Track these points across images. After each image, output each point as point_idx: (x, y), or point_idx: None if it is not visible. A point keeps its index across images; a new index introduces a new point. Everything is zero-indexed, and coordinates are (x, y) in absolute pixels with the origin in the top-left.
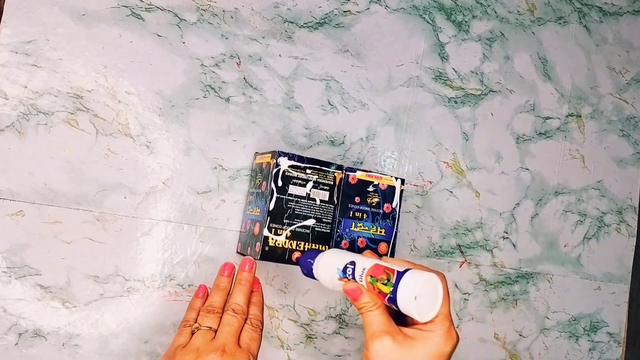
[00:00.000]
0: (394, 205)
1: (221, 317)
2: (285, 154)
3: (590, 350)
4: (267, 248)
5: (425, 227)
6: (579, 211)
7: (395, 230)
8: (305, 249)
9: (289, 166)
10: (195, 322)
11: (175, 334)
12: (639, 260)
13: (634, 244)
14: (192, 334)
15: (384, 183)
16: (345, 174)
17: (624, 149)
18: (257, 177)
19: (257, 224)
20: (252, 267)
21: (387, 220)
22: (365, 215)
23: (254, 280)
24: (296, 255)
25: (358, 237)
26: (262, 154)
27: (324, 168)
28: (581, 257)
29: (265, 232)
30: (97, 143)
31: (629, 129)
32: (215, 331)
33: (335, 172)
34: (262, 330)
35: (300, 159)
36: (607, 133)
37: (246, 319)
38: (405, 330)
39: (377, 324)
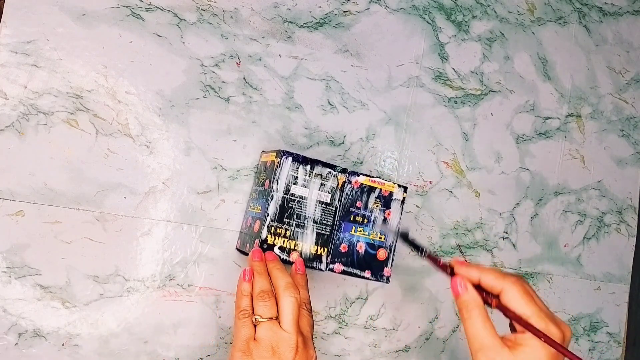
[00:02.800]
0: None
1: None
2: (289, 154)
3: (590, 350)
4: (265, 246)
5: (425, 227)
6: (579, 211)
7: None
8: (303, 249)
9: (293, 167)
10: (252, 310)
11: (236, 326)
12: (639, 260)
13: (634, 244)
14: (254, 324)
15: (386, 189)
16: (348, 177)
17: (624, 149)
18: (261, 175)
19: (258, 221)
20: (274, 256)
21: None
22: (365, 220)
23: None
24: (294, 255)
25: (357, 241)
26: (268, 152)
27: (327, 170)
28: (581, 257)
29: (265, 230)
30: (97, 143)
31: (628, 129)
32: (276, 318)
33: (338, 175)
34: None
35: (305, 160)
36: (607, 133)
37: (300, 303)
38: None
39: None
